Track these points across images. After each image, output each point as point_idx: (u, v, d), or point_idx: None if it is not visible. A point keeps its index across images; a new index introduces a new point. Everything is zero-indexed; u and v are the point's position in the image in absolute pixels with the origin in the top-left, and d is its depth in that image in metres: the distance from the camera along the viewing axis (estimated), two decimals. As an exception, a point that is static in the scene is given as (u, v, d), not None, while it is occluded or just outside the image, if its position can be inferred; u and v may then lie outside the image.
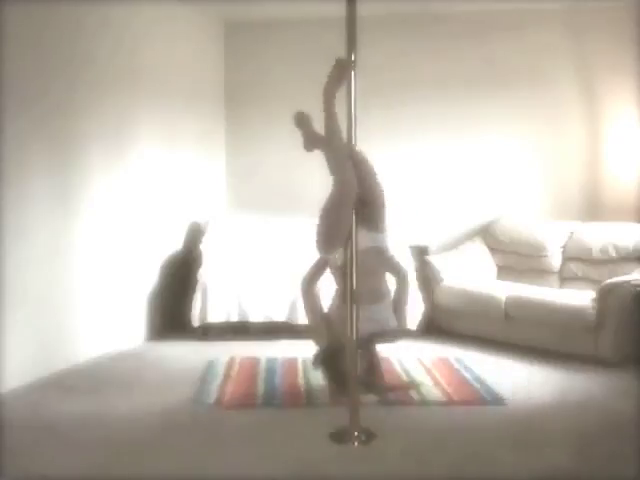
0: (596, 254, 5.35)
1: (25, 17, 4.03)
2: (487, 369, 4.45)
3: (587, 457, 3.08)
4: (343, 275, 3.53)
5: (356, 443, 3.21)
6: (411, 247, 5.82)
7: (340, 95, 3.50)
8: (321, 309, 4.07)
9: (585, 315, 4.60)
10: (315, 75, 6.15)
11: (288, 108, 6.31)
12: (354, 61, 3.35)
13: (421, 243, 6.04)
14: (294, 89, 6.31)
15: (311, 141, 4.07)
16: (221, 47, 6.43)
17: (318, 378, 4.07)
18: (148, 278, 5.43)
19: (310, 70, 6.24)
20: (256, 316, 5.34)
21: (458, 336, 5.29)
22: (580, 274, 5.43)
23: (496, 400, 3.84)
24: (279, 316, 5.32)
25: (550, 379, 4.28)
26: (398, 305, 3.99)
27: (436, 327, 5.45)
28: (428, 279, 5.60)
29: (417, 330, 5.35)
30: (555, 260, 5.58)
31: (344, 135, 3.53)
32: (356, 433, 3.23)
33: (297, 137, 6.26)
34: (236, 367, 4.51)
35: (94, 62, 4.71)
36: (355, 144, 3.47)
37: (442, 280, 5.53)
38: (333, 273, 3.93)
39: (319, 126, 3.98)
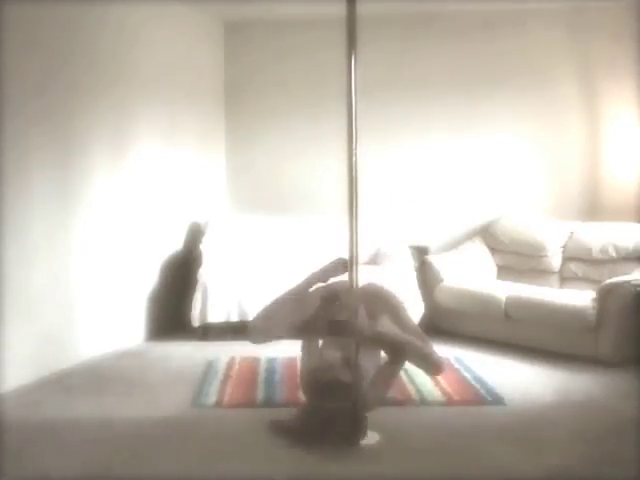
0: (596, 254, 5.35)
1: (24, 15, 4.03)
2: (487, 369, 4.45)
3: (587, 457, 3.07)
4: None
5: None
6: (411, 247, 5.83)
7: (340, 94, 3.49)
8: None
9: (585, 315, 4.60)
10: (315, 74, 6.24)
11: (288, 107, 6.39)
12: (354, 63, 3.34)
13: (421, 243, 6.04)
14: (294, 88, 6.33)
15: None
16: (221, 47, 6.43)
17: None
18: (148, 278, 5.43)
19: (310, 69, 6.28)
20: (256, 316, 5.34)
21: (458, 336, 5.28)
22: (580, 274, 5.43)
23: (496, 400, 3.84)
24: (279, 316, 5.31)
25: (550, 379, 4.28)
26: None
27: (436, 327, 5.44)
28: (428, 279, 5.60)
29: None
30: (555, 260, 5.58)
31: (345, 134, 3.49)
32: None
33: (297, 136, 6.34)
34: (236, 367, 4.51)
35: (94, 60, 4.71)
36: (355, 144, 3.44)
37: (442, 280, 5.54)
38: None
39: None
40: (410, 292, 5.40)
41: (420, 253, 5.86)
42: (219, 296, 5.33)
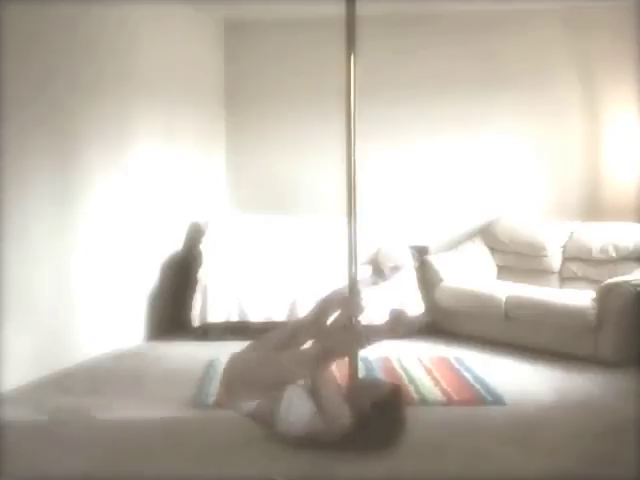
0: (596, 254, 5.35)
1: (24, 15, 4.03)
2: (487, 369, 4.45)
3: (587, 457, 3.07)
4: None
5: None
6: (411, 247, 5.83)
7: (340, 94, 3.50)
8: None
9: (585, 315, 4.60)
10: (314, 74, 6.24)
11: (288, 107, 6.39)
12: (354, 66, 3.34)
13: (421, 243, 6.04)
14: (294, 88, 6.33)
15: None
16: (221, 47, 6.42)
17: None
18: (148, 278, 5.43)
19: (309, 69, 6.28)
20: (256, 316, 5.34)
21: (458, 336, 5.28)
22: (580, 274, 5.43)
23: (496, 400, 3.83)
24: (279, 316, 5.31)
25: (550, 379, 4.28)
26: None
27: (436, 327, 5.45)
28: (428, 279, 5.60)
29: (417, 330, 5.36)
30: (555, 260, 5.58)
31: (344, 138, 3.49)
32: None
33: (297, 136, 6.34)
34: (236, 367, 4.50)
35: (93, 61, 4.71)
36: (354, 145, 3.44)
37: (442, 280, 5.53)
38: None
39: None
40: (410, 292, 5.40)
41: (420, 253, 5.86)
42: (219, 296, 5.33)
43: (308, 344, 3.39)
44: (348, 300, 3.41)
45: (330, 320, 3.47)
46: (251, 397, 3.14)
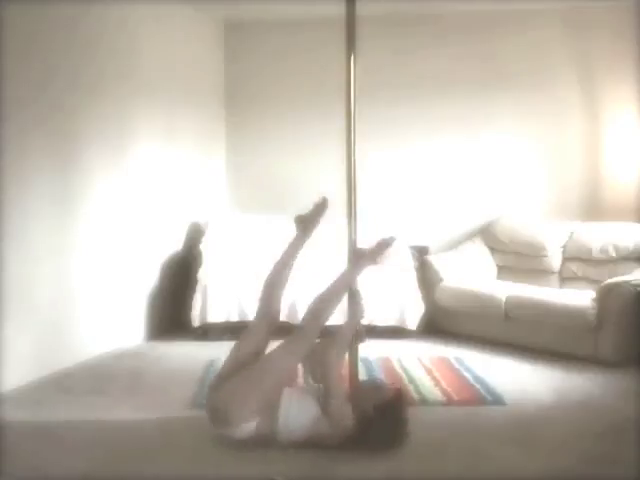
0: (596, 254, 5.35)
1: (24, 15, 4.03)
2: (487, 369, 4.45)
3: (587, 457, 3.07)
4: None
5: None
6: (411, 247, 5.83)
7: (340, 94, 3.50)
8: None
9: (585, 315, 4.60)
10: (314, 74, 6.25)
11: (288, 107, 6.39)
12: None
13: (421, 243, 6.04)
14: (294, 88, 6.33)
15: None
16: (221, 47, 6.43)
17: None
18: (148, 278, 5.43)
19: (309, 69, 6.29)
20: (256, 316, 5.33)
21: (458, 336, 5.28)
22: (580, 274, 5.43)
23: (496, 400, 3.83)
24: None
25: (550, 379, 4.28)
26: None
27: (436, 327, 5.45)
28: (428, 279, 5.60)
29: (417, 330, 5.37)
30: (555, 260, 5.58)
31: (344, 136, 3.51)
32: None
33: (297, 136, 6.34)
34: (236, 367, 4.50)
35: (93, 61, 4.71)
36: (354, 145, 3.45)
37: (442, 280, 5.53)
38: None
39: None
40: (410, 292, 5.40)
41: (420, 253, 5.86)
42: (219, 296, 5.33)
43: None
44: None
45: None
46: (249, 418, 3.05)
